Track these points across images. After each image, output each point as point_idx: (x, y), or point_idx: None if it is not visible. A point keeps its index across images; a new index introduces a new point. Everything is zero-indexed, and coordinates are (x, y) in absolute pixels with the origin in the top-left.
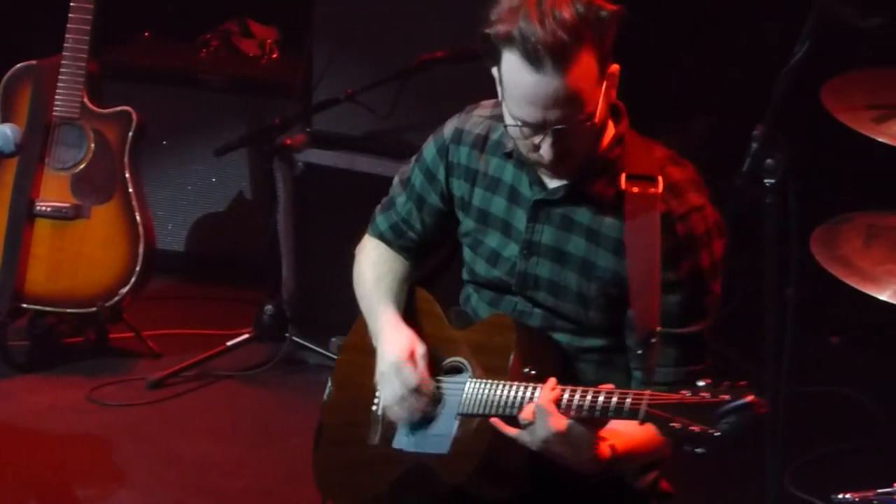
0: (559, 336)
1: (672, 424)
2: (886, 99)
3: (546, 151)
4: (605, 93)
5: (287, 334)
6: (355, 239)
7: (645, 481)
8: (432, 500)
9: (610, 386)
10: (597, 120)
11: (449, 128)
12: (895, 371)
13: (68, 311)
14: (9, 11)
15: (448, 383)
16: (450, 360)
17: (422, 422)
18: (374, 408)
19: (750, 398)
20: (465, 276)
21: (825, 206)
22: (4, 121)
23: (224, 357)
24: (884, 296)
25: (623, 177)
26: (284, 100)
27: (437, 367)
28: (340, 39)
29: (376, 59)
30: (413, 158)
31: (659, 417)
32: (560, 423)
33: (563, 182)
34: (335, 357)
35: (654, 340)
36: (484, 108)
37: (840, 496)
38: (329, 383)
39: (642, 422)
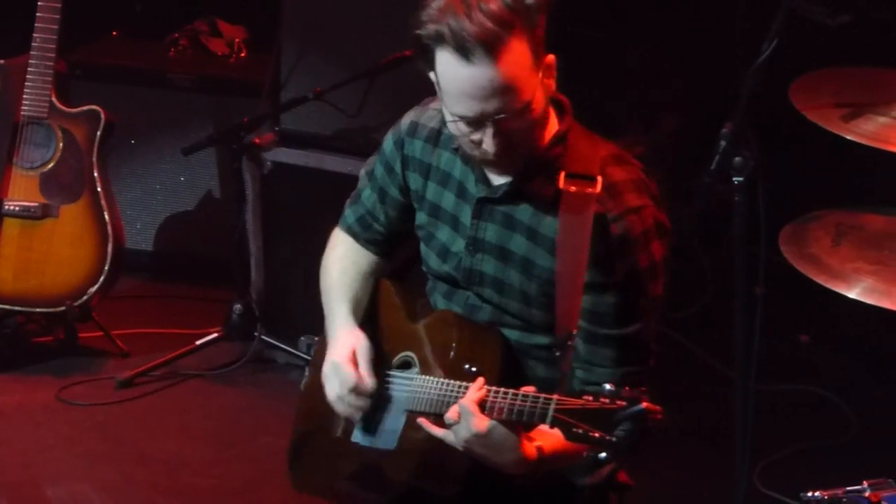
0: (508, 332)
1: (575, 430)
2: (855, 97)
3: (488, 144)
4: (542, 82)
5: (256, 333)
6: (324, 238)
7: (601, 475)
8: (386, 495)
9: (531, 388)
10: (536, 109)
11: (406, 120)
12: (864, 369)
13: (37, 310)
14: None
15: (398, 378)
16: (401, 355)
17: (374, 417)
18: None
19: (643, 405)
20: (423, 267)
21: (794, 204)
22: None
23: (193, 356)
24: (852, 294)
25: (562, 175)
26: (253, 99)
27: (389, 360)
28: (309, 38)
29: (344, 57)
30: (377, 151)
31: (564, 422)
32: (481, 424)
33: (506, 180)
34: (304, 356)
35: (570, 343)
36: (440, 101)
37: (809, 494)
38: (306, 371)
39: (551, 426)
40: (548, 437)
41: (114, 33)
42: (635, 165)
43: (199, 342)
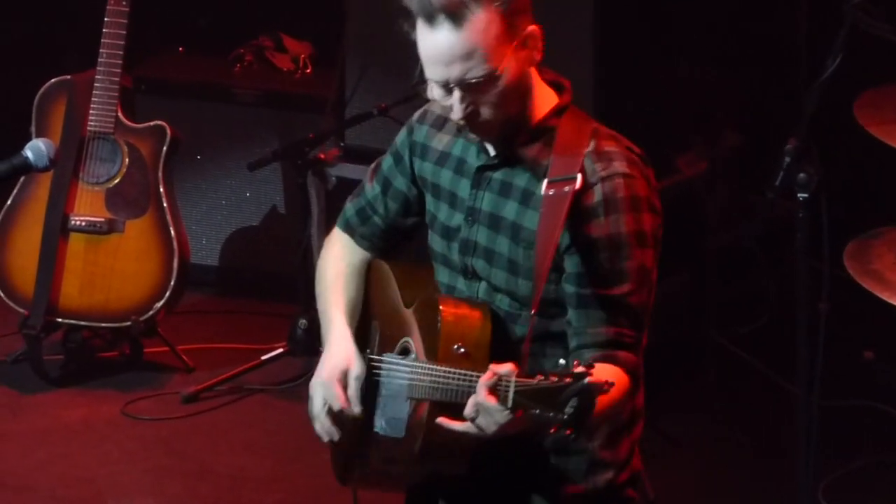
0: (499, 307)
1: (532, 410)
2: None
3: (456, 110)
4: (518, 53)
5: (321, 348)
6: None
7: (619, 454)
8: (409, 480)
9: (509, 366)
10: (506, 78)
11: (419, 110)
12: None
13: (103, 325)
14: (44, 26)
15: (400, 366)
16: (402, 341)
17: (386, 407)
18: None
19: (589, 380)
20: (432, 258)
21: (858, 220)
22: (39, 135)
23: (258, 371)
24: None
25: (556, 136)
26: (318, 114)
27: (392, 346)
28: (373, 53)
29: (409, 73)
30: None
31: (522, 404)
32: (501, 415)
33: (502, 148)
34: None
35: (534, 313)
36: None
37: None
38: None
39: (512, 410)
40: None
41: (179, 49)
42: (632, 147)
43: (264, 357)
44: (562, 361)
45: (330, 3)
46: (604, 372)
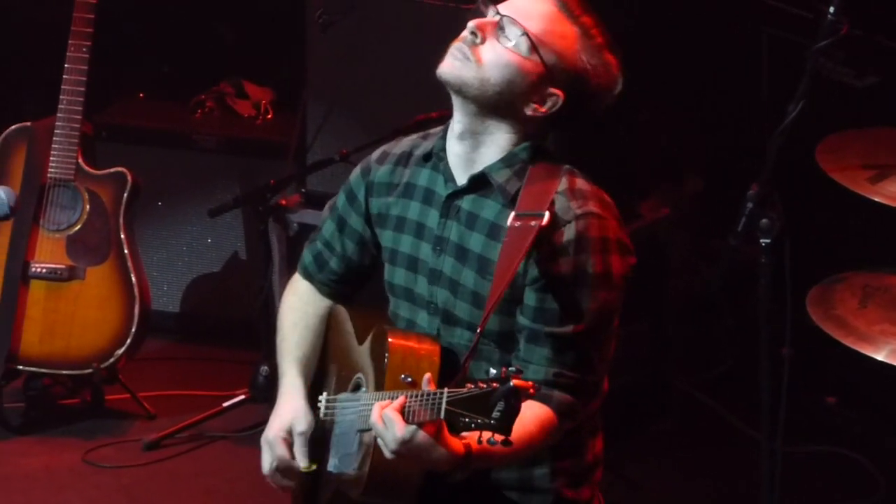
0: (458, 343)
1: (462, 419)
2: (881, 158)
3: (470, 24)
4: (541, 75)
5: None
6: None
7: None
8: None
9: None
10: (522, 56)
11: (377, 151)
12: (891, 431)
13: (63, 372)
14: (3, 72)
15: (351, 402)
16: (355, 378)
17: (339, 444)
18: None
19: (514, 383)
20: (388, 293)
21: (821, 265)
22: None
23: (220, 418)
24: (879, 356)
25: (529, 171)
26: (279, 160)
27: (346, 385)
28: (334, 100)
29: (370, 119)
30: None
31: (453, 413)
32: (402, 430)
33: (474, 171)
34: None
35: (479, 331)
36: (417, 135)
37: None
38: None
39: (445, 420)
40: (475, 436)
41: (140, 95)
42: (604, 192)
43: (225, 404)
44: (492, 371)
45: (291, 50)
46: (529, 409)
